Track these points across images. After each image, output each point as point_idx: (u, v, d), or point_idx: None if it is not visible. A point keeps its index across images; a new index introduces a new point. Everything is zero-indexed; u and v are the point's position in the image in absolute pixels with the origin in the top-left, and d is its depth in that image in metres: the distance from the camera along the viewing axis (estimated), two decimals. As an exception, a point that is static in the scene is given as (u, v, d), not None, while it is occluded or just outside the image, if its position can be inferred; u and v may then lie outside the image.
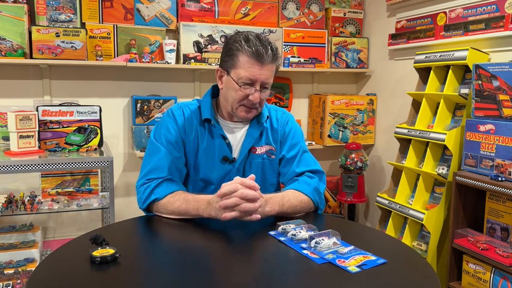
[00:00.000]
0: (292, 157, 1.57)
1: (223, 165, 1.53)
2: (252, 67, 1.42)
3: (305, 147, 1.62)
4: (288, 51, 3.03)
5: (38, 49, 2.37)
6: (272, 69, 1.46)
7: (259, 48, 1.40)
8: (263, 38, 1.46)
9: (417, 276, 1.04)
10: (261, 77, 1.43)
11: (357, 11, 3.25)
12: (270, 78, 1.46)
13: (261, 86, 1.45)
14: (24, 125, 2.14)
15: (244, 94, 1.45)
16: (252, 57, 1.41)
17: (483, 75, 2.05)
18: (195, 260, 1.12)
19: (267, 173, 1.57)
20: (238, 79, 1.43)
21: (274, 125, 1.60)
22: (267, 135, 1.58)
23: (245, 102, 1.46)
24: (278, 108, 1.66)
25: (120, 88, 2.77)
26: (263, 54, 1.40)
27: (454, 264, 2.15)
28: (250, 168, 1.54)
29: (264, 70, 1.43)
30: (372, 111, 3.19)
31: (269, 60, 1.42)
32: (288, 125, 1.62)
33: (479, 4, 2.34)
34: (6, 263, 2.27)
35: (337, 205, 3.29)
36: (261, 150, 1.56)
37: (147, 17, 2.73)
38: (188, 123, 1.53)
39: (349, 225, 1.65)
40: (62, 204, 2.23)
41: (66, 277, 1.02)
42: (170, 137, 1.50)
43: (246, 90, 1.44)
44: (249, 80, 1.43)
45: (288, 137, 1.60)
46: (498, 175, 1.95)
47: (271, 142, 1.58)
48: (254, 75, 1.42)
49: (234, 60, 1.44)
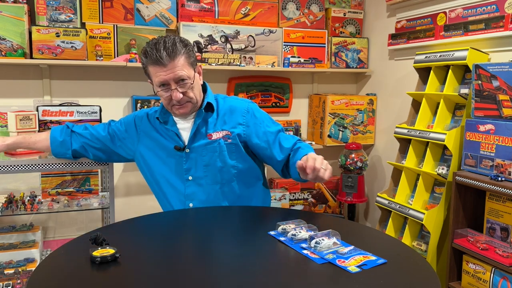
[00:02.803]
0: (272, 142, 1.70)
1: (177, 154, 1.68)
2: (158, 73, 1.55)
3: (277, 128, 1.73)
4: (288, 51, 3.03)
5: (38, 49, 2.37)
6: (177, 64, 1.55)
7: (154, 54, 1.52)
8: (160, 40, 1.57)
9: (417, 276, 1.04)
10: (169, 76, 1.55)
11: (357, 11, 3.25)
12: (179, 72, 1.55)
13: (176, 83, 1.57)
14: (24, 125, 2.14)
15: (167, 96, 1.59)
16: (153, 65, 1.55)
17: (483, 75, 2.06)
18: (194, 260, 1.12)
19: (226, 156, 1.67)
20: (156, 86, 1.60)
21: (234, 113, 1.71)
22: (224, 121, 1.70)
23: (172, 102, 1.60)
24: (231, 97, 1.79)
25: (120, 88, 2.78)
26: (159, 58, 1.52)
27: (454, 264, 2.15)
28: (206, 153, 1.67)
29: (168, 69, 1.54)
30: (372, 111, 3.19)
31: (167, 60, 1.53)
32: (250, 113, 1.73)
33: (479, 4, 2.34)
34: (6, 263, 2.27)
35: (337, 205, 3.29)
36: (217, 135, 1.68)
37: (147, 17, 2.73)
38: (146, 124, 1.77)
39: (349, 225, 1.65)
40: (62, 204, 2.23)
41: (66, 277, 1.02)
42: (118, 125, 1.83)
43: (165, 93, 1.59)
44: (162, 84, 1.57)
45: (255, 125, 1.71)
46: (498, 175, 1.95)
47: (228, 127, 1.69)
48: (162, 78, 1.55)
49: (147, 72, 1.62)
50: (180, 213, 1.57)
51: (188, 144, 1.67)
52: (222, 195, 1.68)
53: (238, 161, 1.69)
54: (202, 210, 1.59)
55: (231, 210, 1.58)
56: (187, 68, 1.57)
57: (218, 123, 1.69)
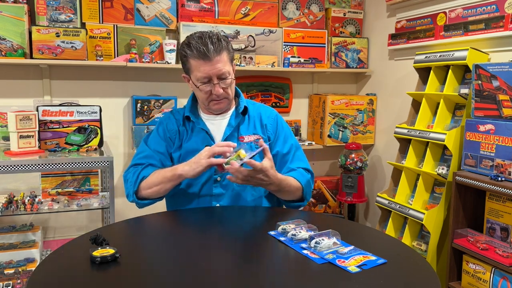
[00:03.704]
0: (287, 153, 1.70)
1: None
2: (202, 67, 1.53)
3: (297, 143, 1.74)
4: (288, 51, 3.03)
5: (38, 49, 2.37)
6: (222, 59, 1.55)
7: (200, 47, 1.51)
8: (205, 34, 1.55)
9: (417, 276, 1.04)
10: (213, 71, 1.53)
11: (357, 11, 3.25)
12: (223, 67, 1.55)
13: (219, 78, 1.56)
14: (24, 125, 2.14)
15: (208, 90, 1.57)
16: (198, 58, 1.53)
17: (483, 75, 2.06)
18: (195, 260, 1.12)
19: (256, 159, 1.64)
20: (196, 80, 1.57)
21: (263, 120, 1.71)
22: (255, 126, 1.70)
23: (212, 97, 1.59)
24: (259, 104, 1.76)
25: (120, 88, 2.78)
26: (205, 51, 1.51)
27: (454, 264, 2.15)
28: None
29: (213, 64, 1.53)
30: (372, 111, 3.19)
31: (214, 54, 1.52)
32: (278, 122, 1.73)
33: (479, 4, 2.34)
34: (6, 263, 2.27)
35: (337, 205, 3.29)
36: (249, 138, 1.67)
37: (147, 17, 2.73)
38: (176, 124, 1.70)
39: (349, 225, 1.65)
40: (62, 204, 2.23)
41: (66, 277, 1.02)
42: (157, 139, 1.69)
43: (206, 88, 1.57)
44: (205, 78, 1.55)
45: (280, 134, 1.71)
46: (498, 175, 1.95)
47: (259, 132, 1.69)
48: (206, 72, 1.53)
49: (187, 65, 1.59)
50: (180, 213, 1.57)
51: None
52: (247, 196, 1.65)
53: None
54: (202, 210, 1.58)
55: (231, 210, 1.58)
56: (228, 65, 1.58)
57: (250, 126, 1.69)
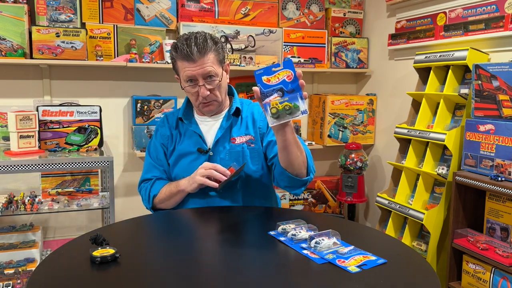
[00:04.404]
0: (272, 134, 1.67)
1: (200, 156, 1.65)
2: (186, 68, 1.55)
3: None
4: (288, 51, 3.03)
5: (38, 49, 2.37)
6: (207, 60, 1.55)
7: (185, 49, 1.52)
8: (192, 35, 1.57)
9: (417, 276, 1.04)
10: (198, 72, 1.54)
11: (357, 11, 3.25)
12: (208, 68, 1.55)
13: (204, 79, 1.56)
14: (24, 125, 2.14)
15: (194, 92, 1.59)
16: (183, 59, 1.55)
17: (483, 75, 2.06)
18: (195, 260, 1.12)
19: (248, 161, 1.65)
20: (184, 82, 1.59)
21: (255, 117, 1.70)
22: (247, 126, 1.68)
23: (200, 98, 1.60)
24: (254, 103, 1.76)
25: (120, 88, 2.78)
26: (189, 53, 1.52)
27: (454, 264, 2.15)
28: (230, 158, 1.64)
29: (197, 65, 1.54)
30: (372, 111, 3.19)
31: (197, 55, 1.53)
32: None
33: (479, 4, 2.34)
34: (6, 263, 2.27)
35: (337, 205, 3.29)
36: (241, 139, 1.66)
37: (147, 17, 2.73)
38: (169, 128, 1.73)
39: (349, 225, 1.65)
40: (62, 204, 2.23)
41: (66, 277, 1.02)
42: (155, 146, 1.73)
43: (192, 89, 1.58)
44: (189, 79, 1.57)
45: None
46: (498, 175, 1.95)
47: (251, 132, 1.68)
48: (191, 73, 1.55)
49: (175, 67, 1.62)
50: (179, 213, 1.57)
51: (212, 147, 1.65)
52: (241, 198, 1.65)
53: (259, 166, 1.67)
54: (201, 210, 1.58)
55: (231, 210, 1.58)
56: (215, 65, 1.57)
57: (242, 127, 1.68)
